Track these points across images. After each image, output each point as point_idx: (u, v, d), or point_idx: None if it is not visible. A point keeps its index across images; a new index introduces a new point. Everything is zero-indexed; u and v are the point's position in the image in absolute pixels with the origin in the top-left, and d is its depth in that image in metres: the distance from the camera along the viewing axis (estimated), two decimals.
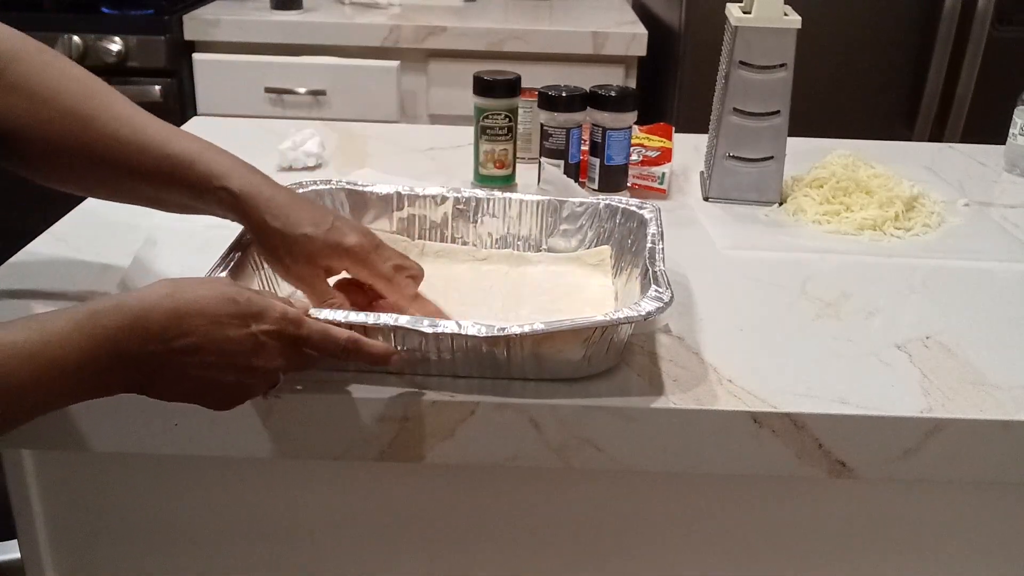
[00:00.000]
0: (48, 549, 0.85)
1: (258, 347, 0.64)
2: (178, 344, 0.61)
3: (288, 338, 0.66)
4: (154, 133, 0.77)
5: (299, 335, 0.67)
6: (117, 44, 2.04)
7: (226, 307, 0.63)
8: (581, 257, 0.93)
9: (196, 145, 0.78)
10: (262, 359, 0.65)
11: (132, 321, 0.60)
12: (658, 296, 0.73)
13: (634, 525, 0.84)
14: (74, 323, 0.59)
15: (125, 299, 0.61)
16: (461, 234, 0.96)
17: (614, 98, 1.11)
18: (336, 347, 0.68)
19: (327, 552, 0.85)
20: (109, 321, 0.59)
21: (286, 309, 0.67)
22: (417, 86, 2.16)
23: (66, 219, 1.03)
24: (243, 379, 0.65)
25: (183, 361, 0.62)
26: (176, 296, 0.62)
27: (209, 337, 0.62)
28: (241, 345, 0.63)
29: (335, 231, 0.77)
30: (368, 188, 0.95)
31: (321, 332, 0.68)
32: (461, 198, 0.95)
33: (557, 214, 0.94)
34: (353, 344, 0.69)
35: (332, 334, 0.68)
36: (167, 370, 0.62)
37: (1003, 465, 0.75)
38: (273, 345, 0.65)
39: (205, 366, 0.63)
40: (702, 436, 0.74)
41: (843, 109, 2.01)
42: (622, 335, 0.75)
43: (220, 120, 1.48)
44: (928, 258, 1.03)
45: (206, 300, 0.63)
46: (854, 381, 0.77)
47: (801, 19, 1.10)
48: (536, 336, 0.70)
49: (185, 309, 0.61)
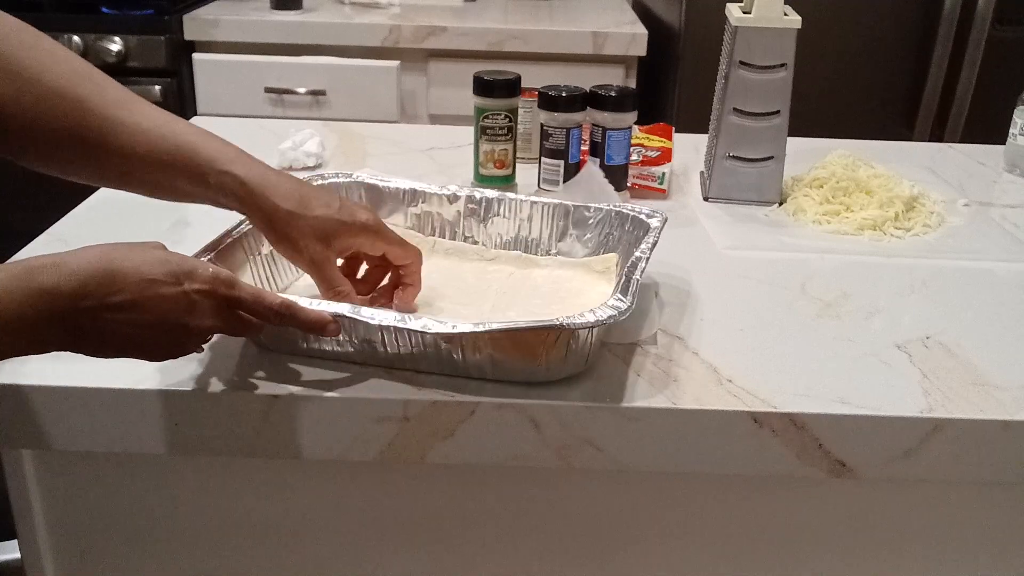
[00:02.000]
0: (48, 549, 0.85)
1: (191, 306, 0.65)
2: (111, 301, 0.62)
3: (220, 298, 0.67)
4: (153, 116, 0.77)
5: (231, 295, 0.67)
6: (117, 44, 2.04)
7: (159, 267, 0.64)
8: (588, 263, 0.93)
9: (197, 130, 0.77)
10: (195, 318, 0.66)
11: (66, 279, 0.61)
12: (617, 305, 0.72)
13: (634, 525, 0.84)
14: (12, 276, 0.59)
15: (61, 258, 0.62)
16: (472, 233, 0.96)
17: (614, 98, 1.11)
18: (268, 311, 0.69)
19: (327, 552, 0.85)
20: (45, 278, 0.60)
21: (218, 270, 0.67)
22: (417, 86, 2.16)
23: (66, 219, 1.03)
24: (176, 336, 0.66)
25: (116, 319, 0.62)
26: (110, 255, 0.63)
27: (143, 295, 0.63)
28: (174, 303, 0.64)
29: (346, 210, 0.78)
30: (384, 183, 0.96)
31: (254, 295, 0.69)
32: (473, 197, 0.95)
33: (568, 218, 0.94)
34: (287, 309, 0.69)
35: (264, 297, 0.69)
36: (101, 328, 0.63)
37: (1003, 465, 0.75)
38: (206, 304, 0.66)
39: (138, 324, 0.63)
40: (702, 436, 0.74)
41: (843, 109, 2.01)
42: (581, 341, 0.73)
43: (220, 120, 1.48)
44: (928, 258, 1.03)
45: (139, 260, 0.64)
46: (854, 381, 0.77)
47: (801, 19, 1.10)
48: (488, 336, 0.71)
49: (118, 268, 0.62)
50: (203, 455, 0.76)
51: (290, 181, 0.78)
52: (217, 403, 0.73)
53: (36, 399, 0.73)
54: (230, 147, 0.77)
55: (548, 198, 0.96)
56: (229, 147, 0.77)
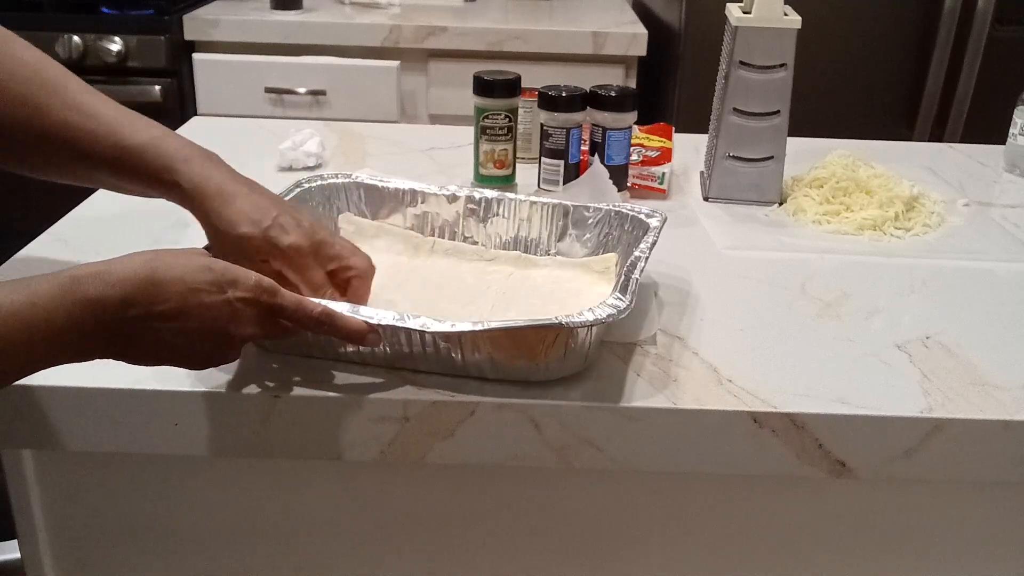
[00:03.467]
0: (48, 549, 0.85)
1: (234, 314, 0.65)
2: (157, 310, 0.62)
3: (263, 306, 0.67)
4: (107, 121, 0.77)
5: (273, 303, 0.67)
6: (117, 44, 2.04)
7: (202, 275, 0.64)
8: (588, 263, 0.93)
9: (148, 134, 0.77)
10: (237, 326, 0.66)
11: (111, 288, 0.61)
12: (616, 304, 0.72)
13: (634, 525, 0.84)
14: (58, 287, 0.60)
15: (106, 266, 0.62)
16: (472, 233, 0.96)
17: (614, 98, 1.11)
18: (309, 319, 0.69)
19: (327, 552, 0.85)
20: (90, 288, 0.60)
21: (260, 278, 0.67)
22: (417, 86, 2.16)
23: (66, 219, 1.03)
24: (219, 344, 0.66)
25: (161, 327, 0.63)
26: (154, 264, 0.63)
27: (187, 304, 0.63)
28: (218, 312, 0.64)
29: (275, 228, 0.75)
30: (384, 184, 0.96)
31: (296, 302, 0.68)
32: (473, 198, 0.95)
33: (568, 218, 0.94)
34: (327, 317, 0.69)
35: (306, 305, 0.69)
36: (146, 336, 0.63)
37: (1003, 465, 0.75)
38: (249, 312, 0.66)
39: (182, 333, 0.63)
40: (702, 436, 0.74)
41: (843, 109, 2.01)
42: (580, 340, 0.74)
43: (220, 120, 1.48)
44: (928, 258, 1.03)
45: (183, 268, 0.63)
46: (854, 381, 0.77)
47: (801, 19, 1.10)
48: (487, 335, 0.71)
49: (163, 277, 0.62)
50: (203, 455, 0.76)
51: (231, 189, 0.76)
52: (217, 403, 0.73)
53: (36, 399, 0.73)
54: (181, 148, 0.77)
55: (547, 198, 0.96)
56: (180, 148, 0.77)
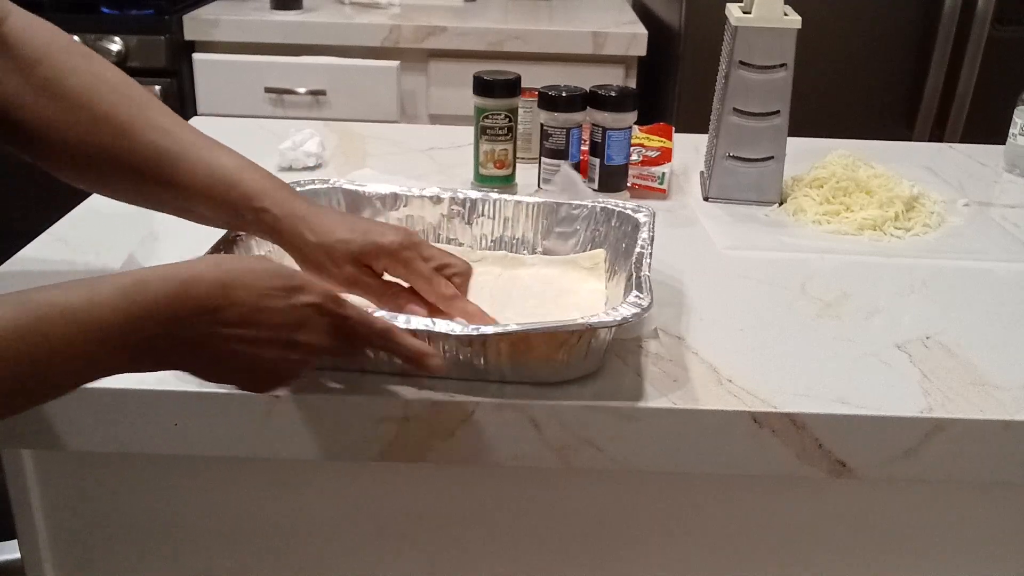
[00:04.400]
0: (48, 549, 0.85)
1: (302, 321, 0.64)
2: (223, 315, 0.60)
3: (329, 314, 0.65)
4: (192, 146, 0.77)
5: (340, 313, 0.66)
6: (117, 44, 2.04)
7: (271, 280, 0.63)
8: (576, 260, 0.92)
9: (235, 162, 0.77)
10: (304, 334, 0.64)
11: (178, 290, 0.59)
12: (637, 302, 0.73)
13: (634, 525, 0.84)
14: (120, 289, 0.58)
15: (172, 269, 0.60)
16: (456, 235, 0.96)
17: (614, 98, 1.11)
18: (371, 332, 0.67)
19: (327, 552, 0.85)
20: (156, 289, 0.58)
21: (326, 287, 0.66)
22: (417, 86, 2.16)
23: (66, 219, 1.03)
24: (285, 354, 0.64)
25: (227, 334, 0.61)
26: (222, 268, 0.61)
27: (254, 309, 0.61)
28: (285, 318, 0.63)
29: (372, 232, 0.77)
30: (364, 188, 0.95)
31: (360, 315, 0.67)
32: (457, 199, 0.95)
33: (553, 216, 0.94)
34: (389, 334, 0.68)
35: (369, 319, 0.67)
36: (210, 343, 0.61)
37: (1003, 465, 0.75)
38: (316, 320, 0.64)
39: (249, 340, 0.62)
40: (702, 436, 0.74)
41: (843, 109, 2.01)
42: (601, 339, 0.74)
43: (220, 120, 1.48)
44: (928, 258, 1.03)
45: (252, 273, 0.62)
46: (854, 381, 0.77)
47: (801, 19, 1.10)
48: (511, 338, 0.70)
49: (231, 281, 0.61)
50: (203, 455, 0.76)
51: (317, 210, 0.77)
52: (217, 403, 0.73)
53: None
54: (264, 179, 0.77)
55: (532, 197, 0.96)
56: (263, 179, 0.77)
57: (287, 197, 0.77)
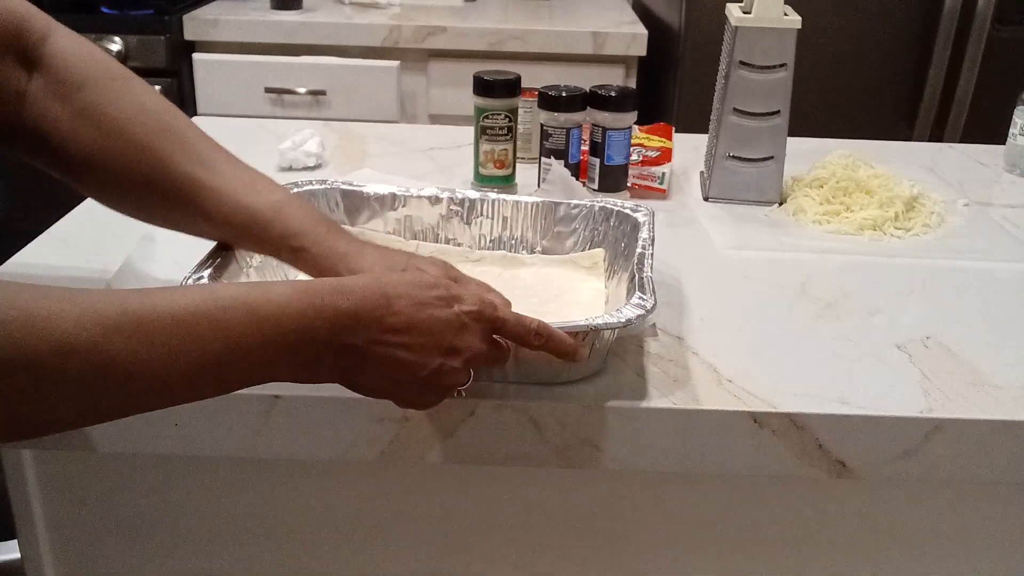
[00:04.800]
0: (48, 549, 0.85)
1: (462, 328, 0.65)
2: (387, 323, 0.62)
3: (487, 320, 0.67)
4: (232, 181, 0.76)
5: (496, 317, 0.67)
6: (117, 44, 2.04)
7: (430, 291, 0.64)
8: (575, 260, 0.92)
9: (274, 198, 0.77)
10: (465, 340, 0.65)
11: (345, 299, 0.60)
12: (640, 303, 0.73)
13: (634, 525, 0.84)
14: (293, 290, 0.59)
15: (339, 281, 0.63)
16: (455, 235, 0.95)
17: (614, 98, 1.11)
18: (528, 332, 0.68)
19: (327, 552, 0.85)
20: (326, 295, 0.60)
21: (482, 294, 0.68)
22: (417, 86, 2.16)
23: (66, 219, 1.03)
24: (447, 362, 0.65)
25: (391, 342, 0.62)
26: (383, 280, 0.63)
27: (416, 318, 0.63)
28: (446, 326, 0.64)
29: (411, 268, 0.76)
30: (363, 189, 0.95)
31: (516, 317, 0.68)
32: (455, 199, 0.95)
33: (552, 216, 0.94)
34: (545, 331, 0.68)
35: (524, 320, 0.68)
36: (374, 352, 0.62)
37: (1003, 465, 0.75)
38: (475, 327, 0.66)
39: (412, 348, 0.63)
40: (702, 436, 0.74)
41: (843, 109, 2.01)
42: (604, 340, 0.74)
43: (220, 120, 1.48)
44: (928, 258, 1.03)
45: (410, 285, 0.64)
46: (854, 381, 0.77)
47: (801, 19, 1.10)
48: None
49: (392, 291, 0.63)
50: (203, 455, 0.76)
51: (360, 249, 0.77)
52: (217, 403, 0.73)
53: None
54: (305, 217, 0.77)
55: (530, 197, 0.96)
56: (304, 217, 0.77)
57: (325, 235, 0.77)
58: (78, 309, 0.52)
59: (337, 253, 0.76)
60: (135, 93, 0.78)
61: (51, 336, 0.50)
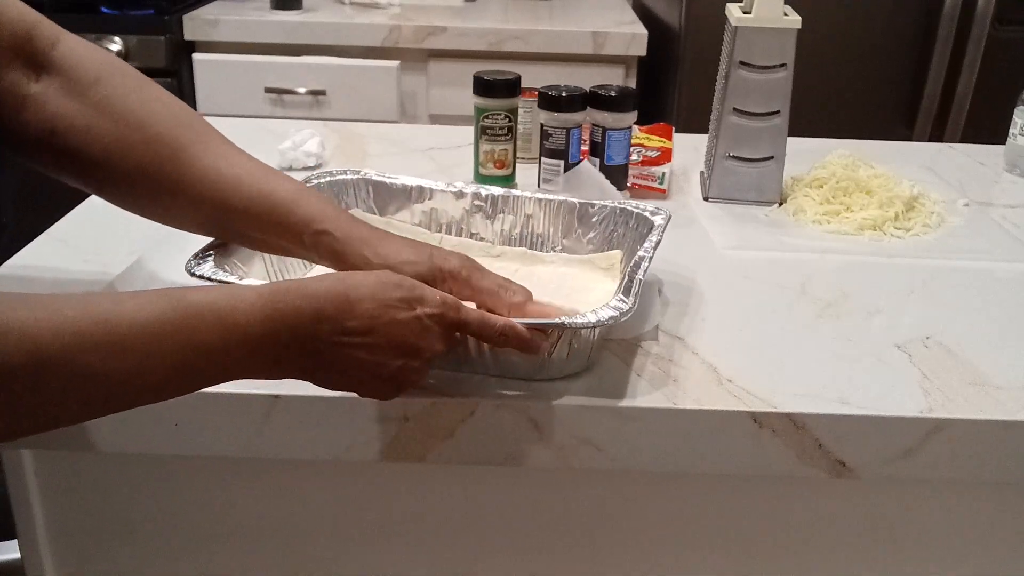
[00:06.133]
0: (48, 549, 0.85)
1: (423, 330, 0.66)
2: (347, 326, 0.63)
3: (448, 322, 0.67)
4: (250, 171, 0.77)
5: (458, 319, 0.68)
6: (117, 44, 2.04)
7: (393, 291, 0.65)
8: (593, 260, 0.93)
9: (294, 186, 0.77)
10: (426, 341, 0.66)
11: (306, 302, 0.62)
12: (618, 306, 0.72)
13: (634, 525, 0.84)
14: (258, 295, 0.61)
15: (301, 283, 0.63)
16: (478, 230, 0.96)
17: (614, 98, 1.11)
18: (493, 331, 0.69)
19: (327, 552, 0.85)
20: (290, 299, 0.61)
21: (444, 295, 0.68)
22: (417, 86, 2.16)
23: (66, 219, 1.03)
24: (408, 362, 0.66)
25: (353, 343, 0.63)
26: (346, 282, 0.64)
27: (379, 320, 0.64)
28: (407, 328, 0.65)
29: (436, 257, 0.76)
30: (392, 180, 0.97)
31: (479, 317, 0.69)
32: (479, 194, 0.96)
33: (573, 215, 0.95)
34: (510, 330, 0.69)
35: (488, 319, 0.69)
36: (334, 353, 0.63)
37: (1003, 465, 0.75)
38: (436, 329, 0.67)
39: (371, 348, 0.64)
40: (702, 436, 0.74)
41: (843, 109, 2.01)
42: (583, 340, 0.74)
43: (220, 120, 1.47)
44: (928, 258, 1.03)
45: (374, 286, 0.65)
46: (854, 381, 0.77)
47: (801, 19, 1.10)
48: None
49: (355, 294, 0.63)
50: (203, 455, 0.76)
51: (382, 235, 0.77)
52: (217, 403, 0.73)
53: None
54: (325, 204, 0.77)
55: (554, 195, 0.96)
56: (324, 204, 0.77)
57: (348, 220, 0.77)
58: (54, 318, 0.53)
59: (360, 238, 0.76)
60: (149, 88, 0.78)
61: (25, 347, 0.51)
